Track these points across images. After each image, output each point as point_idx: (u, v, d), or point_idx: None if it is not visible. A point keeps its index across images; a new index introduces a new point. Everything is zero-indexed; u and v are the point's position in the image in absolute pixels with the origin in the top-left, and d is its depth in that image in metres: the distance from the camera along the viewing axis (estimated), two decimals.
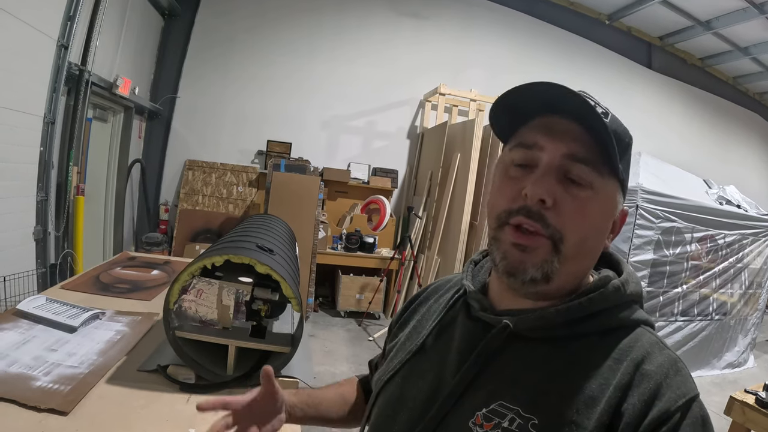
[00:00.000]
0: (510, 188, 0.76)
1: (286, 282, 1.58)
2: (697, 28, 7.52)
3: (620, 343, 0.73)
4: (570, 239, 0.72)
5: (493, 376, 0.76)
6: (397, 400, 0.87)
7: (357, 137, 7.17)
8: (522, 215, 0.73)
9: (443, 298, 0.99)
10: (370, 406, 0.94)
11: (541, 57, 7.62)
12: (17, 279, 3.19)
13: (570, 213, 0.72)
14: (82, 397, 1.42)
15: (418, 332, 0.95)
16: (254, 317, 1.68)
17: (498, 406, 0.73)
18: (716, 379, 5.48)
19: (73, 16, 3.74)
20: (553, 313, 0.75)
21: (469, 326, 0.85)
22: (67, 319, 1.89)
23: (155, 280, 2.71)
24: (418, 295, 1.08)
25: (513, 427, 0.70)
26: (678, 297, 5.21)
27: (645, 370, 0.69)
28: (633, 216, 4.76)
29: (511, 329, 0.77)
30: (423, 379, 0.85)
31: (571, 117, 0.74)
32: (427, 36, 7.23)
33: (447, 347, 0.86)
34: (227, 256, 1.58)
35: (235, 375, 1.60)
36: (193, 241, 6.24)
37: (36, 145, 3.65)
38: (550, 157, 0.73)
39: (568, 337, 0.75)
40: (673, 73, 8.58)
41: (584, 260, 0.78)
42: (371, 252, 6.45)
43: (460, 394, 0.77)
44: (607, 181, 0.75)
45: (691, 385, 0.69)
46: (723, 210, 5.29)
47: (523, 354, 0.76)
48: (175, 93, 6.47)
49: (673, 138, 8.46)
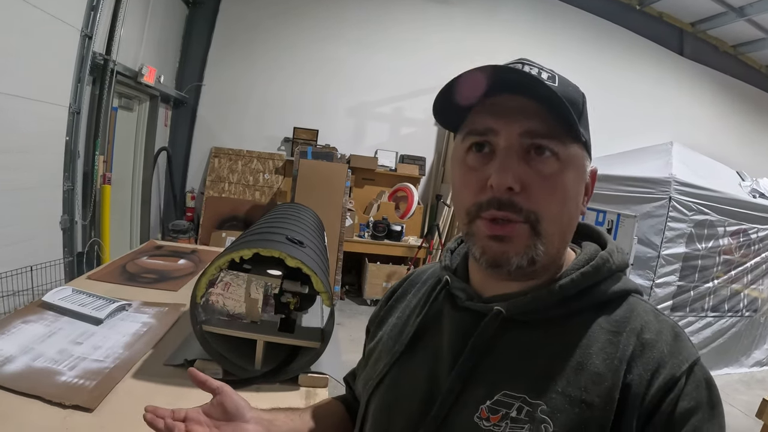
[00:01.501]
0: (474, 180, 0.72)
1: (317, 276, 1.53)
2: (730, 15, 7.25)
3: (616, 315, 0.72)
4: (546, 217, 0.69)
5: (492, 367, 0.73)
6: (391, 405, 0.82)
7: (384, 124, 7.12)
8: (493, 208, 0.69)
9: (422, 291, 0.94)
10: (361, 415, 0.88)
11: (570, 43, 7.46)
12: (45, 268, 3.20)
13: (541, 191, 0.69)
14: (107, 393, 1.38)
15: (401, 330, 0.90)
16: (283, 310, 1.64)
17: (502, 396, 0.69)
18: (744, 377, 5.35)
19: (96, 6, 3.75)
20: (546, 294, 0.72)
21: (458, 318, 0.80)
22: (93, 311, 1.86)
23: (182, 269, 2.69)
24: (393, 291, 1.03)
25: (522, 415, 0.67)
26: (709, 292, 5.08)
27: (646, 339, 0.68)
28: (665, 208, 4.63)
29: (504, 315, 0.73)
30: (416, 379, 0.80)
31: (518, 91, 0.69)
32: (454, 22, 7.12)
33: (436, 343, 0.81)
34: (256, 249, 1.53)
35: (263, 370, 1.56)
36: (220, 229, 6.27)
37: (62, 135, 3.67)
38: (507, 139, 0.69)
39: (563, 316, 0.73)
40: (705, 60, 8.30)
41: (565, 232, 0.75)
42: (398, 240, 6.42)
43: (459, 389, 0.73)
44: (571, 147, 0.71)
45: (691, 350, 0.69)
46: (757, 203, 5.12)
47: (519, 339, 0.73)
48: (201, 81, 6.49)
49: (705, 127, 8.21)
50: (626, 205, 5.05)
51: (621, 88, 7.63)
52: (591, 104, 0.77)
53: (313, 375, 1.58)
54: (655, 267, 4.70)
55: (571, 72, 0.73)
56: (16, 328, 1.69)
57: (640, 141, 6.19)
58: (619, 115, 7.56)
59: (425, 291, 0.92)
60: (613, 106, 7.53)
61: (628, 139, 6.92)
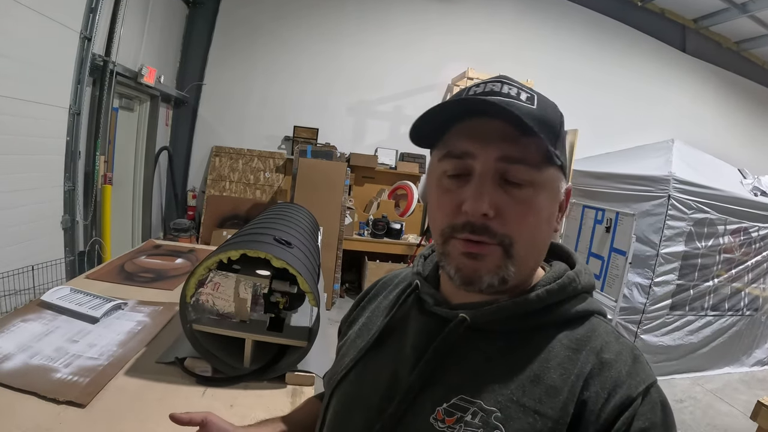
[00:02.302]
0: (448, 202, 0.74)
1: (302, 277, 1.56)
2: (732, 11, 7.21)
3: (577, 333, 0.74)
4: (519, 241, 0.71)
5: (452, 371, 0.75)
6: (352, 400, 0.85)
7: (384, 122, 7.13)
8: (467, 231, 0.71)
9: (393, 294, 0.97)
10: (324, 406, 0.91)
11: (571, 40, 7.46)
12: (46, 267, 3.25)
13: (515, 217, 0.71)
14: (100, 390, 1.42)
15: (369, 329, 0.93)
16: (272, 309, 1.67)
17: (459, 400, 0.71)
18: (745, 377, 5.34)
19: (95, 8, 3.79)
20: (511, 306, 0.74)
21: (424, 321, 0.83)
22: (90, 309, 1.90)
23: (179, 268, 2.72)
24: (366, 293, 1.06)
25: (476, 420, 0.69)
26: (709, 291, 5.08)
27: (604, 359, 0.70)
28: (665, 207, 4.64)
29: (468, 322, 0.76)
30: (379, 376, 0.83)
31: (495, 115, 0.70)
32: (454, 19, 7.12)
33: (401, 343, 0.84)
34: (243, 250, 1.56)
35: (252, 368, 1.59)
36: (221, 227, 6.31)
37: (62, 136, 3.72)
38: (483, 164, 0.71)
39: (526, 329, 0.75)
40: (708, 57, 8.25)
41: (537, 254, 0.77)
42: (398, 238, 6.44)
43: (418, 389, 0.75)
44: (546, 171, 0.72)
45: (648, 372, 0.70)
46: (757, 202, 5.09)
47: (481, 347, 0.75)
48: (201, 80, 6.52)
49: (707, 124, 8.19)
50: (625, 203, 5.06)
51: (623, 85, 7.63)
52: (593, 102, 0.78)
53: (300, 373, 1.60)
54: (654, 265, 4.71)
55: (573, 70, 0.75)
56: (16, 326, 1.73)
57: (642, 138, 6.20)
58: (621, 113, 7.59)
59: (396, 293, 0.95)
60: (614, 103, 7.55)
61: (629, 136, 6.94)
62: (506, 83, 0.73)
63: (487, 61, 6.99)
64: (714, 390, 4.81)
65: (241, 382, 1.56)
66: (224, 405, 1.44)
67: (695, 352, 5.11)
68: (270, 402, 1.49)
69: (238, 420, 1.36)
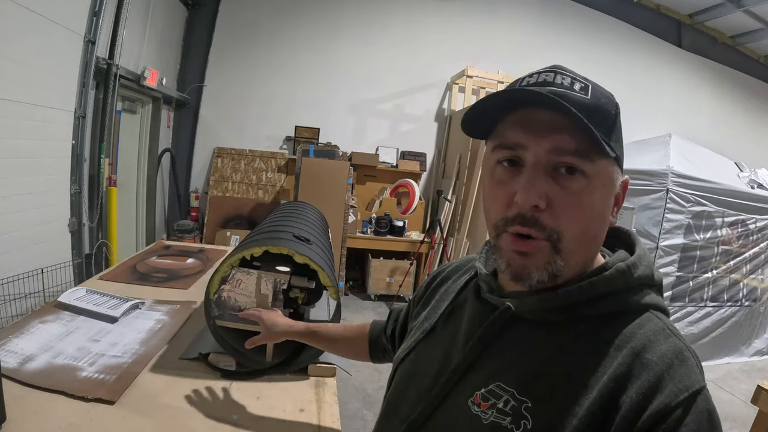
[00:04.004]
0: (501, 194, 0.74)
1: (324, 271, 1.59)
2: (727, 5, 7.24)
3: (624, 329, 0.70)
4: (568, 236, 0.71)
5: (494, 357, 0.77)
6: (409, 377, 0.90)
7: (385, 121, 7.15)
8: (518, 224, 0.71)
9: (462, 278, 0.99)
10: (390, 380, 0.96)
11: (568, 37, 7.48)
12: (54, 270, 3.26)
13: (566, 209, 0.70)
14: (127, 386, 1.44)
15: (435, 312, 0.96)
16: (291, 305, 1.70)
17: (496, 387, 0.73)
18: (745, 367, 5.39)
19: (98, 11, 3.79)
20: (554, 297, 0.74)
21: (477, 307, 0.86)
22: (108, 309, 1.92)
23: (191, 268, 2.75)
24: (438, 273, 1.08)
25: (507, 408, 0.71)
26: (708, 282, 5.13)
27: (645, 360, 0.66)
28: (663, 200, 4.69)
29: (513, 311, 0.77)
30: (433, 357, 0.87)
31: (547, 107, 0.70)
32: (452, 17, 7.14)
33: (457, 327, 0.87)
34: (266, 247, 1.59)
35: (274, 362, 1.62)
36: (224, 228, 6.33)
37: (68, 139, 3.74)
38: (535, 155, 0.71)
39: (570, 321, 0.74)
40: (704, 51, 8.29)
41: (589, 247, 0.76)
42: (401, 235, 6.46)
43: (463, 372, 0.78)
44: (599, 163, 0.71)
45: (696, 377, 0.65)
46: (754, 194, 5.15)
47: (524, 336, 0.76)
48: (202, 82, 6.52)
49: (704, 119, 8.23)
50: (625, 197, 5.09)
51: (620, 81, 7.59)
52: None
53: (322, 365, 1.63)
54: (653, 258, 4.73)
55: (570, 66, 0.76)
56: (35, 328, 1.74)
57: (640, 134, 6.21)
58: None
59: (464, 279, 0.98)
60: None
61: (627, 131, 6.75)
62: (560, 73, 0.73)
63: (486, 58, 7.03)
64: (714, 380, 4.83)
65: (264, 375, 1.59)
66: (251, 397, 1.46)
67: (695, 343, 5.13)
68: (296, 393, 1.51)
69: (266, 411, 1.39)
